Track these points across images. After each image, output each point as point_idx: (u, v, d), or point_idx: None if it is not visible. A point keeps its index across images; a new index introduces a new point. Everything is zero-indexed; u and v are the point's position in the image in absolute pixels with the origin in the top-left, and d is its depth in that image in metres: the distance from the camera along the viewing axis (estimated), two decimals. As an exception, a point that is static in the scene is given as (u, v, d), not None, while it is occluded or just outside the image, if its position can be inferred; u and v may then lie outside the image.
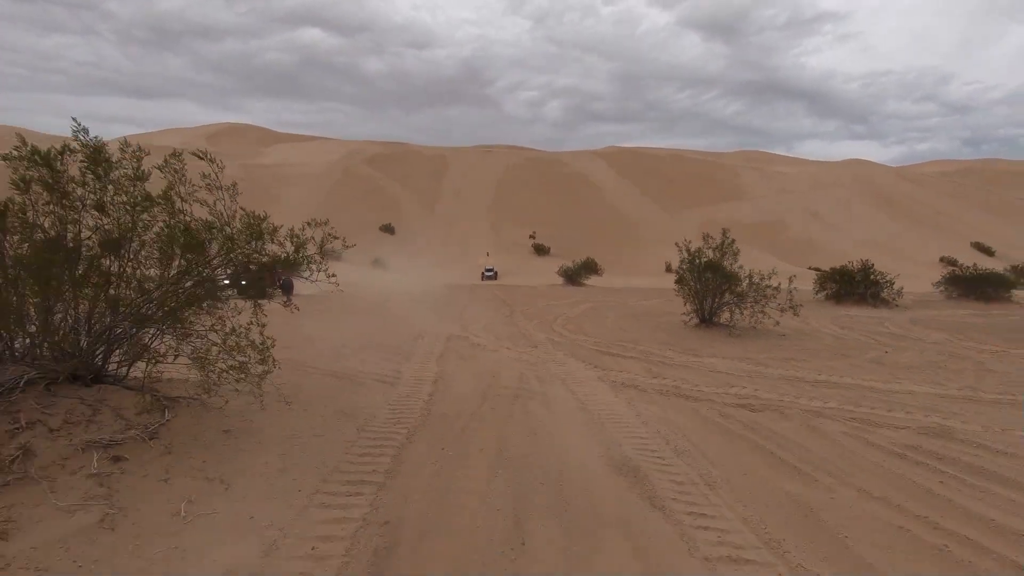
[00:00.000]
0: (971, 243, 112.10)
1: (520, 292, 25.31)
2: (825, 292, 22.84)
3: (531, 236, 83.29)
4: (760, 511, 3.04)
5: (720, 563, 2.47)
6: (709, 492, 3.26)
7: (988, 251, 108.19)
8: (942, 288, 25.37)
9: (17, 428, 2.92)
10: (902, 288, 22.13)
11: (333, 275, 3.95)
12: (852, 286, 22.37)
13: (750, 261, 13.34)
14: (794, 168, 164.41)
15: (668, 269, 59.20)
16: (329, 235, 4.27)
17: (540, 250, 77.62)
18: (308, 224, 4.16)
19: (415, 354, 7.74)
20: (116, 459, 2.96)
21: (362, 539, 2.54)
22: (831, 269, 23.79)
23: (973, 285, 24.01)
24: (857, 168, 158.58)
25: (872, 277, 22.28)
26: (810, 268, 25.30)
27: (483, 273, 46.07)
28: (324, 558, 2.37)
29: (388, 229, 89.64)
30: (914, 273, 44.71)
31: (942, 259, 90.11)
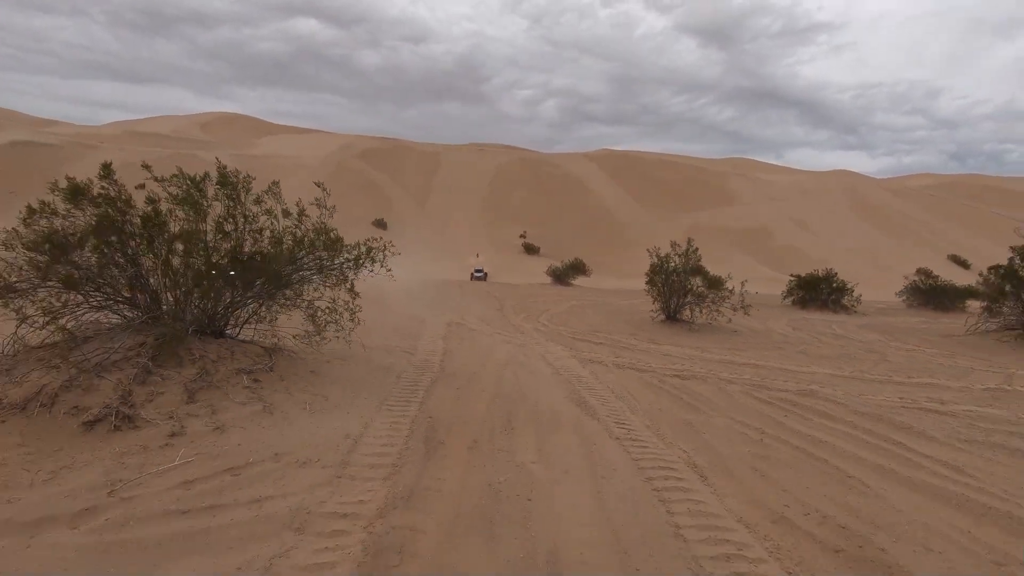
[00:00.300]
0: (948, 256, 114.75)
1: (510, 290, 27.08)
2: (791, 298, 24.75)
3: (522, 236, 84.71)
4: (659, 424, 4.82)
5: (625, 441, 4.25)
6: (631, 415, 5.04)
7: (964, 264, 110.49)
8: (904, 298, 27.33)
9: (192, 358, 4.63)
10: (860, 295, 24.06)
11: (389, 269, 5.73)
12: (816, 292, 24.22)
13: (734, 266, 15.19)
14: (782, 177, 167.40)
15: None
16: (376, 239, 6.04)
17: (530, 250, 79.06)
18: (326, 209, 5.82)
19: (423, 335, 9.45)
20: (255, 380, 4.68)
21: (416, 423, 4.29)
22: (798, 276, 25.66)
23: (931, 295, 26.01)
24: (843, 179, 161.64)
25: (835, 285, 24.21)
26: (791, 275, 27.24)
27: (472, 274, 45.30)
28: (398, 430, 4.11)
29: (381, 224, 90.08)
30: (891, 283, 46.93)
31: (919, 270, 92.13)
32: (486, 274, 45.78)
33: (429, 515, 2.88)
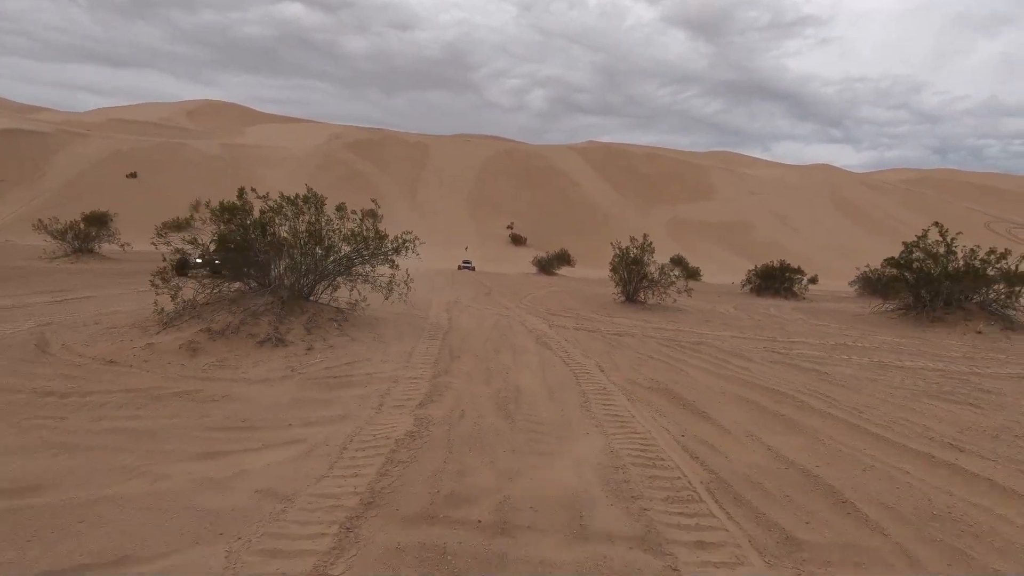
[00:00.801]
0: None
1: (497, 278, 30.03)
2: (749, 286, 27.79)
3: (509, 227, 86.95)
4: (589, 353, 7.77)
5: (565, 358, 7.17)
6: (573, 349, 7.98)
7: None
8: (856, 287, 30.25)
9: (303, 311, 7.47)
10: (809, 284, 27.19)
11: (418, 254, 8.59)
12: (771, 281, 27.13)
13: (713, 259, 18.04)
14: (764, 171, 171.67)
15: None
16: (408, 232, 8.90)
17: (517, 240, 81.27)
18: (340, 210, 8.73)
19: (431, 308, 12.31)
20: (339, 325, 7.53)
21: (442, 348, 7.21)
22: (755, 267, 28.68)
23: (877, 285, 29.10)
24: (823, 173, 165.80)
25: (787, 274, 27.23)
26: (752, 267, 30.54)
27: (460, 264, 48.95)
28: (432, 350, 7.02)
29: (370, 214, 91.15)
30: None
31: (887, 261, 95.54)
32: (473, 267, 48.98)
33: (456, 377, 5.78)
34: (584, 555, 2.65)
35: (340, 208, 8.38)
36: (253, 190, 8.31)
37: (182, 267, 13.25)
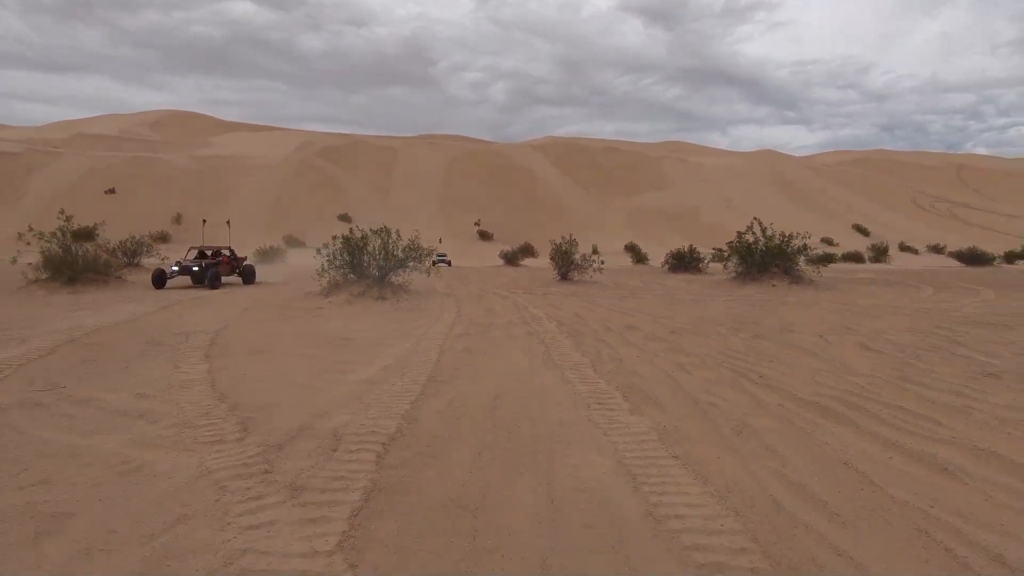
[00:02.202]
0: (852, 225, 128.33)
1: (470, 271, 37.44)
2: (667, 266, 35.51)
3: (476, 223, 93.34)
4: (530, 302, 15.26)
5: (518, 305, 14.66)
6: (520, 300, 15.47)
7: (864, 232, 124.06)
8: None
9: (389, 287, 14.78)
10: (709, 261, 35.12)
11: (443, 254, 15.95)
12: (682, 260, 34.15)
13: (666, 244, 25.52)
14: (714, 159, 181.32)
15: (594, 251, 71.70)
16: (416, 237, 16.31)
17: (484, 236, 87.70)
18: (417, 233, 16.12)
19: (437, 287, 19.63)
20: (405, 293, 14.87)
21: (456, 301, 14.62)
22: (672, 251, 36.32)
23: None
24: (767, 158, 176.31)
25: (694, 255, 34.89)
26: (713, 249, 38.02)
27: (433, 260, 43.29)
28: (451, 303, 14.42)
29: (346, 218, 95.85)
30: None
31: (822, 240, 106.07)
32: (449, 261, 48.03)
33: (466, 310, 13.24)
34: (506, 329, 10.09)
35: (385, 231, 15.67)
36: (358, 230, 15.55)
37: (160, 278, 18.66)
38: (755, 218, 22.72)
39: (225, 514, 3.31)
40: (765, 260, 21.76)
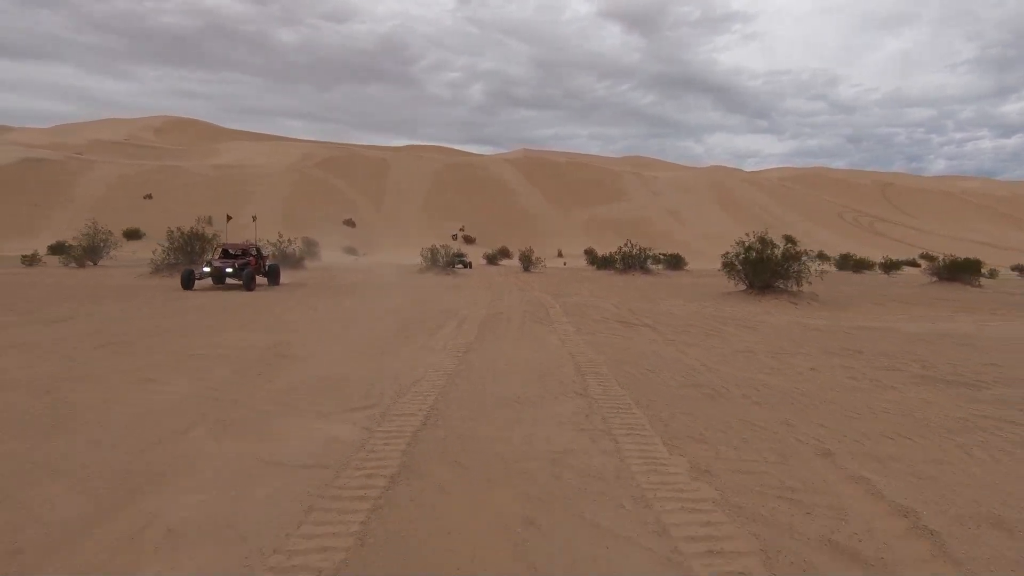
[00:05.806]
0: (783, 236, 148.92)
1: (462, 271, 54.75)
2: (617, 266, 52.24)
3: (461, 229, 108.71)
4: (505, 285, 32.62)
5: (497, 277, 32.04)
6: (498, 282, 32.80)
7: (793, 242, 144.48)
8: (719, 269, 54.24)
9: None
10: (656, 261, 51.91)
11: (463, 255, 33.28)
12: (632, 261, 40.73)
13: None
14: (668, 173, 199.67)
15: (559, 255, 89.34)
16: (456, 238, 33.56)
17: (468, 240, 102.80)
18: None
19: (460, 278, 36.72)
20: (456, 275, 32.10)
21: (486, 297, 31.95)
22: (620, 253, 52.79)
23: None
24: (715, 174, 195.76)
25: (642, 256, 41.05)
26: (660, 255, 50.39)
27: (453, 260, 40.74)
28: (475, 281, 31.76)
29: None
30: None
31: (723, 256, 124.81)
32: (469, 263, 47.79)
33: (477, 285, 30.48)
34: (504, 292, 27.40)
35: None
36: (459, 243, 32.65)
37: (188, 278, 18.21)
38: (747, 232, 23.13)
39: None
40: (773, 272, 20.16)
